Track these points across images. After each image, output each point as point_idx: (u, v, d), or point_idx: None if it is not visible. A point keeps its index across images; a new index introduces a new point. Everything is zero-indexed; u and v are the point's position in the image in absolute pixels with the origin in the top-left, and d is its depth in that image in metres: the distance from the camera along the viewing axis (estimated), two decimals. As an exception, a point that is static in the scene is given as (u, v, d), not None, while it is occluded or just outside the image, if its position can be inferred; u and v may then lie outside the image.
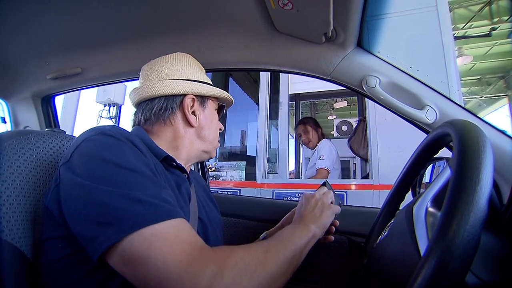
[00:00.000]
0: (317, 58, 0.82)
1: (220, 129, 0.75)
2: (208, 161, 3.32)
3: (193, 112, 0.67)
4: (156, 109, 0.65)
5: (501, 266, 0.34)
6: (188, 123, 0.66)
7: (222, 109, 0.76)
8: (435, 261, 0.28)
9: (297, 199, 2.30)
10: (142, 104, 0.67)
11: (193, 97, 0.67)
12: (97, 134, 0.49)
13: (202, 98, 0.69)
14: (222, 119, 0.78)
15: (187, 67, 0.69)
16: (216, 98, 0.73)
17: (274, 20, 0.78)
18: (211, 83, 0.73)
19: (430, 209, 0.40)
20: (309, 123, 2.51)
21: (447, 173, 0.42)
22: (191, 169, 0.77)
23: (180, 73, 0.67)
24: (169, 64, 0.68)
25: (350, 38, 0.75)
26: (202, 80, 0.71)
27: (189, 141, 0.67)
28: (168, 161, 0.61)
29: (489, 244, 0.36)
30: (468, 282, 0.32)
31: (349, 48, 0.78)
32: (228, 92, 0.75)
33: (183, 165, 0.64)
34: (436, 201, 0.40)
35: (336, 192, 0.73)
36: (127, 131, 0.54)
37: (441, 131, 0.44)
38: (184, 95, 0.66)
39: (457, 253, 0.27)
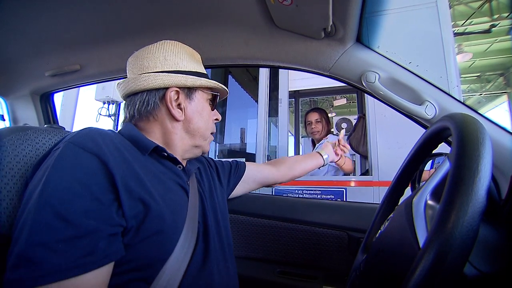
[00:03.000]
0: (316, 54, 0.81)
1: (217, 119, 0.72)
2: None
3: (179, 105, 0.63)
4: (139, 104, 0.62)
5: (499, 257, 0.35)
6: (174, 118, 0.62)
7: (215, 98, 0.71)
8: (434, 253, 0.28)
9: (298, 195, 2.31)
10: (127, 99, 0.65)
11: (177, 89, 0.62)
12: (67, 143, 0.47)
13: (189, 90, 0.64)
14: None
15: (171, 57, 0.63)
16: (207, 88, 0.68)
17: (273, 16, 0.78)
18: (203, 72, 0.69)
19: (429, 202, 0.40)
20: (324, 113, 2.44)
21: (446, 166, 0.42)
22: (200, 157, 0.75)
23: (162, 64, 0.62)
24: (151, 55, 0.63)
25: (350, 34, 0.75)
26: (189, 70, 0.65)
27: (179, 137, 0.64)
28: (158, 152, 0.59)
29: (488, 236, 0.36)
30: (467, 273, 0.32)
31: (348, 43, 0.78)
32: (227, 89, 0.73)
33: (175, 156, 0.62)
34: (435, 194, 0.40)
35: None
36: (107, 135, 0.51)
37: (440, 125, 0.44)
38: (167, 88, 0.62)
39: (455, 244, 0.27)
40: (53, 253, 0.39)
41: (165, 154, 0.60)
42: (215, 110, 0.72)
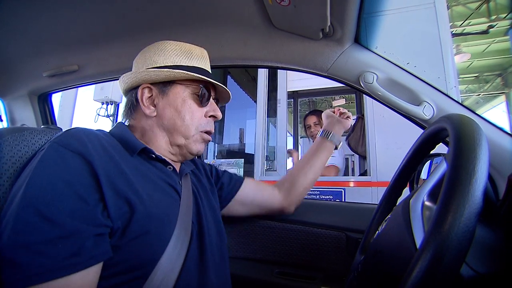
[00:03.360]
0: (314, 54, 0.82)
1: (214, 116, 0.65)
2: (206, 158, 3.32)
3: (153, 102, 0.62)
4: (124, 106, 0.65)
5: (496, 258, 0.35)
6: (146, 115, 0.61)
7: (208, 92, 0.64)
8: (430, 254, 0.28)
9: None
10: None
11: (149, 86, 0.61)
12: (51, 143, 0.47)
13: (164, 85, 0.61)
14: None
15: (151, 55, 0.63)
16: (190, 81, 0.63)
17: (271, 16, 0.78)
18: (190, 65, 0.63)
19: (427, 202, 0.40)
20: (321, 116, 2.45)
21: (444, 167, 0.42)
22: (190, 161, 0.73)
23: (142, 64, 0.63)
24: (137, 57, 0.66)
25: (348, 34, 0.75)
26: (166, 65, 0.61)
27: (155, 135, 0.62)
28: (147, 153, 0.58)
29: (484, 236, 0.36)
30: (463, 274, 0.32)
31: (346, 44, 0.78)
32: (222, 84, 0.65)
33: (163, 157, 0.61)
34: (433, 195, 0.40)
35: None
36: (93, 134, 0.51)
37: (438, 125, 0.44)
38: (138, 86, 0.62)
39: (452, 245, 0.27)
40: (36, 255, 0.38)
41: (153, 155, 0.59)
42: (210, 105, 0.65)
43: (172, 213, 0.55)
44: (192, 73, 0.60)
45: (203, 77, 0.61)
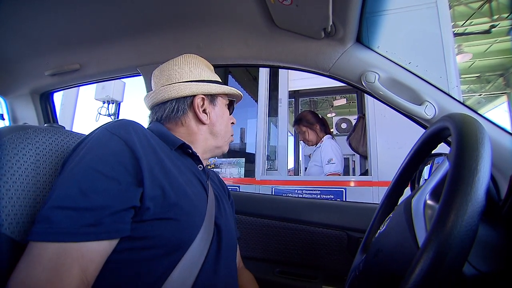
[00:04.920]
0: (316, 54, 0.82)
1: (233, 123, 0.79)
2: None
3: (204, 110, 0.70)
4: (168, 111, 0.69)
5: (498, 257, 0.35)
6: (200, 121, 0.69)
7: (232, 103, 0.79)
8: (433, 252, 0.28)
9: (297, 195, 2.31)
10: (156, 108, 0.71)
11: (203, 96, 0.70)
12: (102, 128, 0.53)
13: (212, 96, 0.72)
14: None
15: (195, 68, 0.72)
16: (225, 94, 0.75)
17: (273, 16, 0.78)
18: (219, 80, 0.75)
19: (429, 201, 0.40)
20: (301, 122, 2.34)
21: (446, 166, 0.42)
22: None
23: (188, 75, 0.70)
24: (177, 67, 0.71)
25: (350, 34, 0.75)
26: (210, 79, 0.73)
27: (203, 138, 0.70)
28: (184, 149, 0.64)
29: (487, 235, 0.36)
30: (466, 273, 0.32)
31: (348, 43, 0.78)
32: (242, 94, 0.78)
33: (197, 155, 0.67)
34: (435, 194, 0.40)
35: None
36: (140, 127, 0.56)
37: (440, 125, 0.44)
38: (194, 95, 0.69)
39: (454, 244, 0.27)
40: (67, 218, 0.44)
41: (190, 151, 0.65)
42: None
43: (201, 209, 0.59)
44: (237, 90, 0.75)
45: (240, 93, 0.77)
